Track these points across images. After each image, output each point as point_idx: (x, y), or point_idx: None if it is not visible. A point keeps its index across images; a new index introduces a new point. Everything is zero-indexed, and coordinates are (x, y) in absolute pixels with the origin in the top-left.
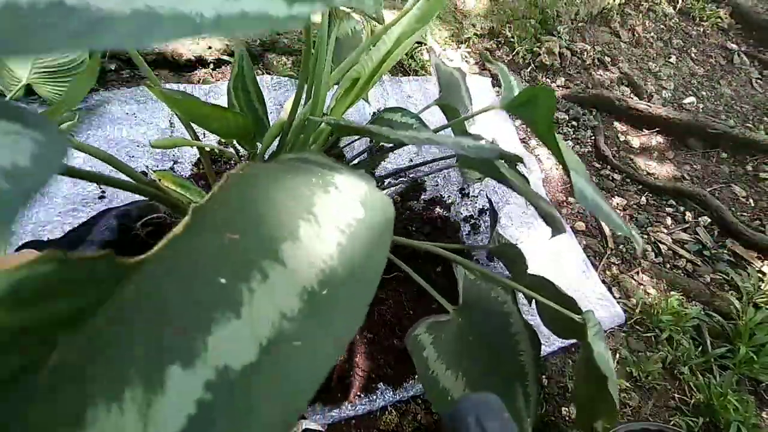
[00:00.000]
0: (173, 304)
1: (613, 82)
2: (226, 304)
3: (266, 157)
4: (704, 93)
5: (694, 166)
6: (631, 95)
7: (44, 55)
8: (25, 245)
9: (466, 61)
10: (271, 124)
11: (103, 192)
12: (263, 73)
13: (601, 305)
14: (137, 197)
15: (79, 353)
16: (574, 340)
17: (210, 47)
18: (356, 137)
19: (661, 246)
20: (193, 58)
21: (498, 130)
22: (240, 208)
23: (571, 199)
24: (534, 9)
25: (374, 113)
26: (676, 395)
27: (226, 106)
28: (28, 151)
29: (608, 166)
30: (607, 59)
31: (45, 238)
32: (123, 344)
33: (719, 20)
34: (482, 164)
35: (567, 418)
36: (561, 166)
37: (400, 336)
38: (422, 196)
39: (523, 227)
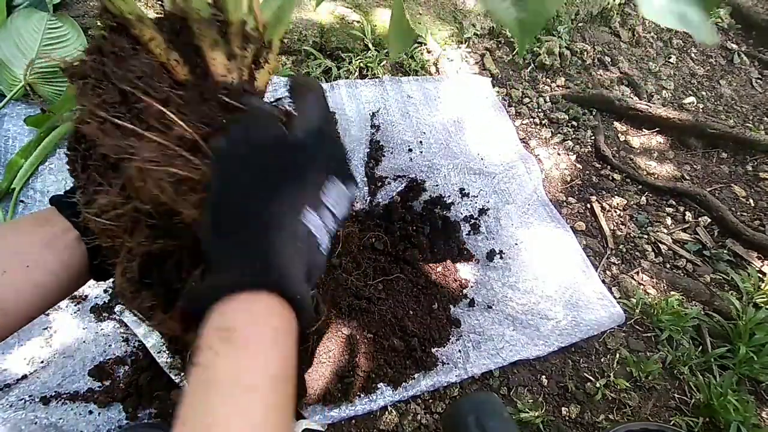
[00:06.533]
0: None
1: (613, 82)
2: None
3: None
4: (704, 93)
5: (694, 166)
6: (631, 95)
7: None
8: (50, 201)
9: (466, 61)
10: None
11: None
12: None
13: (601, 305)
14: None
15: None
16: (574, 340)
17: None
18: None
19: (661, 246)
20: None
21: (497, 129)
22: None
23: (571, 199)
24: None
25: (373, 113)
26: (676, 395)
27: None
28: None
29: (608, 166)
30: (607, 59)
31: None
32: None
33: (719, 20)
34: None
35: (567, 418)
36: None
37: (400, 336)
38: (422, 196)
39: (523, 227)
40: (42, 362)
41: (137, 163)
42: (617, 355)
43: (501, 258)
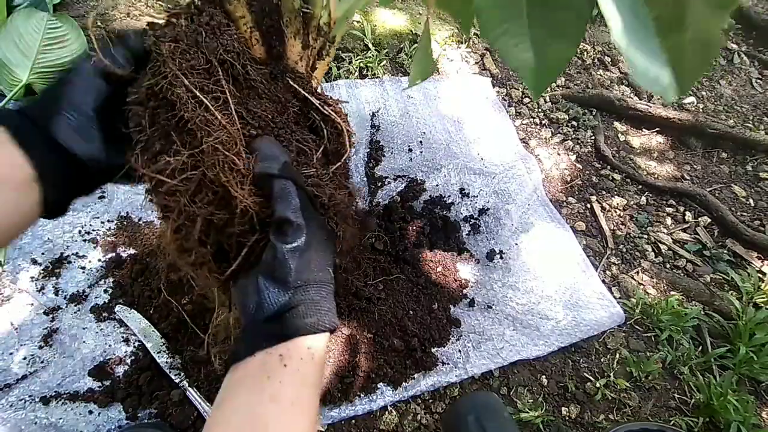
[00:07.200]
0: None
1: (613, 82)
2: None
3: None
4: (704, 93)
5: (694, 166)
6: (631, 95)
7: None
8: None
9: (466, 61)
10: None
11: (103, 192)
12: None
13: (601, 305)
14: None
15: None
16: (574, 340)
17: None
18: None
19: (661, 246)
20: None
21: (497, 129)
22: None
23: (571, 199)
24: None
25: (373, 113)
26: (676, 395)
27: None
28: None
29: (608, 166)
30: (607, 59)
31: None
32: None
33: None
34: None
35: (567, 418)
36: None
37: (400, 336)
38: (422, 196)
39: (523, 227)
40: (42, 362)
41: (212, 141)
42: (617, 355)
43: (501, 258)
